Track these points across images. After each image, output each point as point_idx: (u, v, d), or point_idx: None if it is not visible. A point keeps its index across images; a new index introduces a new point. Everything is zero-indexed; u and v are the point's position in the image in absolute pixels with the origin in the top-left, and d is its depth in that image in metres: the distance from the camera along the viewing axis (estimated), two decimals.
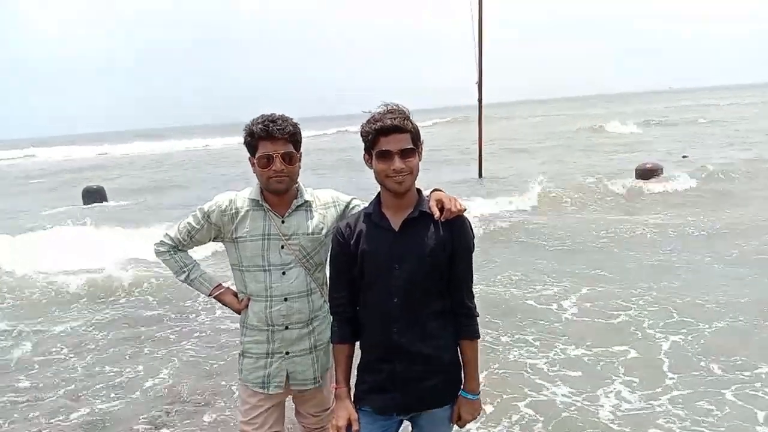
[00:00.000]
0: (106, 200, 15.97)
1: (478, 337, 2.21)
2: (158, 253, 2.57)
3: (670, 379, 4.36)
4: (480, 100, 15.59)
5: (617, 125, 31.56)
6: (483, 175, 16.11)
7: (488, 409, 4.02)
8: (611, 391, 4.22)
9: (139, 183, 21.68)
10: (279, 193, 2.40)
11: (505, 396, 4.22)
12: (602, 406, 4.03)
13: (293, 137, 2.36)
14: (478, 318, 2.21)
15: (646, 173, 13.13)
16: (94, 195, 15.85)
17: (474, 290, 2.21)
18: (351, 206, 2.54)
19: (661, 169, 13.45)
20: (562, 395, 4.20)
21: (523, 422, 3.89)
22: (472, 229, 2.19)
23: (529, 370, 4.63)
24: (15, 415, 4.41)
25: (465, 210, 2.15)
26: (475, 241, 2.20)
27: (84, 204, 15.66)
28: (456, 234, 2.12)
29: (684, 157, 17.55)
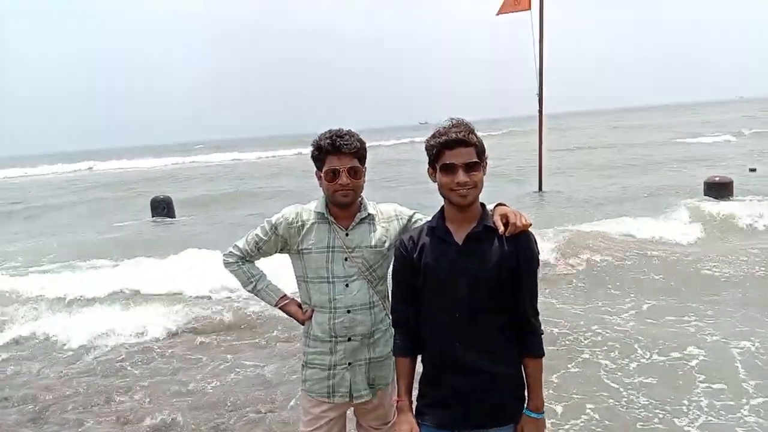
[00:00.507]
0: (173, 211, 16.43)
1: (543, 354, 2.17)
2: (227, 264, 2.64)
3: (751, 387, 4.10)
4: (540, 111, 15.33)
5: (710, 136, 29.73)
6: (543, 188, 15.73)
7: (558, 409, 3.90)
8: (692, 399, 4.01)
9: (207, 193, 22.09)
10: (344, 207, 2.44)
11: (576, 397, 4.07)
12: (683, 413, 3.85)
13: (359, 152, 2.41)
14: (543, 335, 2.17)
15: None
16: (161, 205, 16.36)
17: None
18: (413, 220, 2.55)
19: None
20: (636, 400, 4.01)
21: (591, 426, 3.74)
22: (537, 244, 2.15)
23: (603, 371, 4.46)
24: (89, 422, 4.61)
25: (530, 225, 2.12)
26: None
27: (152, 216, 16.17)
28: (521, 250, 2.09)
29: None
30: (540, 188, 15.69)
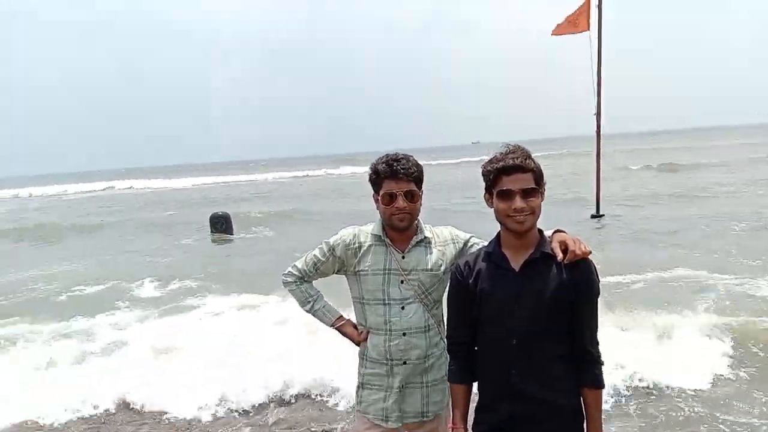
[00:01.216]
0: (232, 227, 16.86)
1: (603, 386, 2.11)
2: (286, 284, 2.70)
3: None
4: (598, 132, 14.97)
5: None
6: (601, 212, 15.18)
7: None
8: None
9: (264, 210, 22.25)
10: (401, 230, 2.47)
11: None
12: None
13: (416, 176, 2.44)
14: (603, 366, 2.12)
15: None
16: (220, 221, 16.81)
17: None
18: (469, 244, 2.55)
19: None
20: None
21: None
22: (597, 273, 2.11)
23: None
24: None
25: (590, 253, 2.08)
26: None
27: (211, 231, 16.63)
28: (580, 278, 2.05)
29: None
30: (598, 212, 15.19)
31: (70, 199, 40.49)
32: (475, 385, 2.24)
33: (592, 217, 15.03)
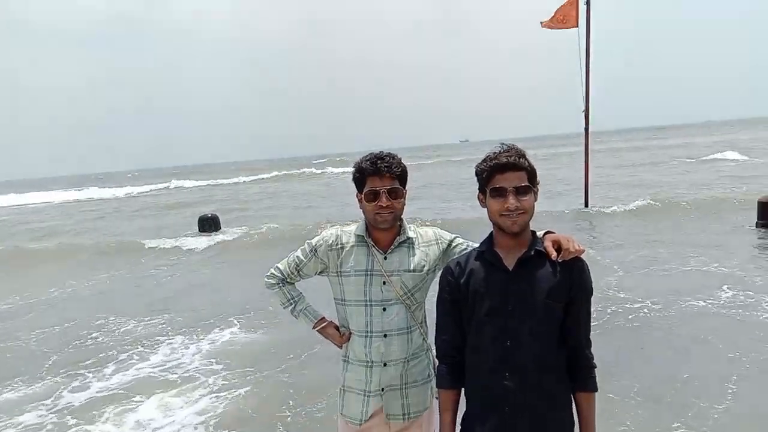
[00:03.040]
0: (220, 226, 16.87)
1: (596, 389, 2.04)
2: (268, 286, 2.65)
3: None
4: (587, 129, 15.09)
5: None
6: (590, 205, 15.45)
7: None
8: None
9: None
10: (384, 229, 2.41)
11: None
12: None
13: (399, 174, 2.39)
14: (596, 369, 2.05)
15: None
16: (209, 222, 16.82)
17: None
18: (454, 245, 2.49)
19: None
20: None
21: None
22: (590, 272, 2.04)
23: None
24: None
25: (583, 251, 2.02)
26: None
27: (199, 230, 16.62)
28: (575, 277, 1.99)
29: None
30: (586, 205, 15.49)
31: None
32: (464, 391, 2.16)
33: (582, 211, 15.30)
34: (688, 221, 12.89)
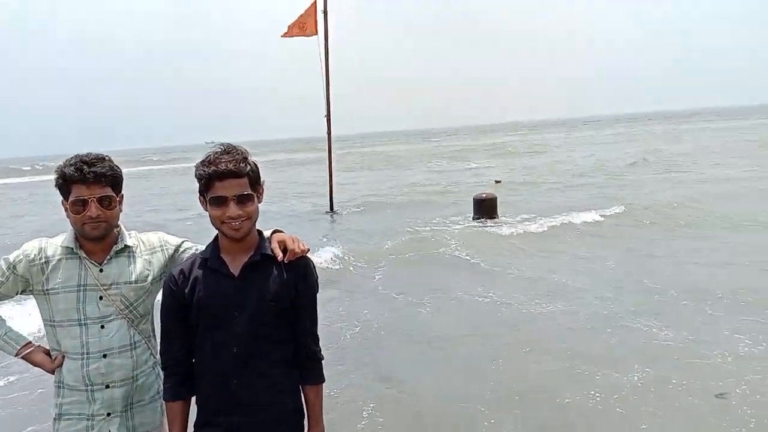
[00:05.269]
0: None
1: (323, 380, 2.15)
2: None
3: None
4: (329, 133, 15.81)
5: None
6: (335, 209, 16.15)
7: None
8: None
9: None
10: (95, 239, 2.18)
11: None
12: None
13: (111, 179, 2.16)
14: (323, 361, 2.16)
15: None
16: None
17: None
18: (182, 249, 2.36)
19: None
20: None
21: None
22: (315, 270, 2.14)
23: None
24: None
25: (308, 250, 2.10)
26: None
27: None
28: (300, 276, 2.06)
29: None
30: (332, 209, 16.10)
31: None
32: (194, 400, 2.10)
33: (327, 212, 16.04)
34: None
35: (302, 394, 2.12)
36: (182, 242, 2.40)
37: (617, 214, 12.64)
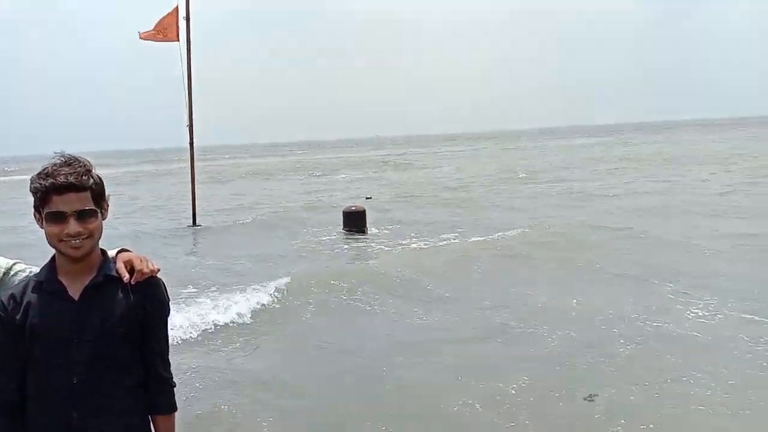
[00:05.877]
0: None
1: (175, 410, 2.03)
2: None
3: None
4: (191, 143, 15.18)
5: None
6: (198, 223, 15.41)
7: None
8: None
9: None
10: None
11: None
12: None
13: None
14: (175, 388, 2.04)
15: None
16: None
17: None
18: (12, 272, 2.11)
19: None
20: None
21: None
22: (167, 290, 2.03)
23: None
24: None
25: (158, 270, 1.99)
26: None
27: None
28: (149, 298, 1.93)
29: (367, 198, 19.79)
30: (194, 223, 15.35)
31: None
32: None
33: (189, 227, 15.30)
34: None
35: (152, 426, 1.99)
36: (14, 264, 2.14)
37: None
